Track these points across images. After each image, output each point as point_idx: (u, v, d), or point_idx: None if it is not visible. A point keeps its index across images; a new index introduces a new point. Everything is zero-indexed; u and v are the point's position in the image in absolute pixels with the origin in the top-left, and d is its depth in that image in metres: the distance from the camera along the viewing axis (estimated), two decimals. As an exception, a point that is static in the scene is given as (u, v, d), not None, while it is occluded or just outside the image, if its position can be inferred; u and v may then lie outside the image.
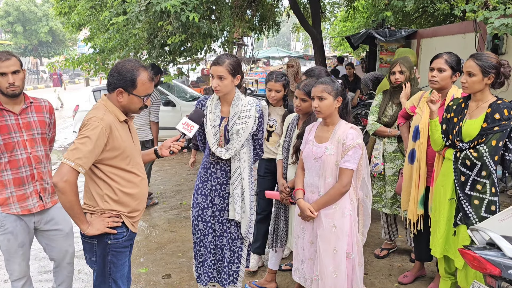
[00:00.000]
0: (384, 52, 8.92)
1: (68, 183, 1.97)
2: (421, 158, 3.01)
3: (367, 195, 2.68)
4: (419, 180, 3.03)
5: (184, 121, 2.43)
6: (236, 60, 2.65)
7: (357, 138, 2.47)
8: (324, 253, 2.51)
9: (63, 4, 7.79)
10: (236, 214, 2.69)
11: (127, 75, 2.12)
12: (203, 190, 2.78)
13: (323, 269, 2.51)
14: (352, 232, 2.53)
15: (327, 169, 2.52)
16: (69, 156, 1.99)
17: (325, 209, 2.53)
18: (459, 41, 6.22)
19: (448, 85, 2.97)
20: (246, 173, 2.69)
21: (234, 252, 2.80)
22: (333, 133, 2.53)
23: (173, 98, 8.42)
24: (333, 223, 2.51)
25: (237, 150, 2.65)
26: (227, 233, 2.77)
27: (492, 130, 2.52)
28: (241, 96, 2.71)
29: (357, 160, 2.49)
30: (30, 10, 31.42)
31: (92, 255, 2.22)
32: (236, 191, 2.68)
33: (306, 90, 2.88)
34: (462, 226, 2.66)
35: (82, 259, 3.86)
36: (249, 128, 2.65)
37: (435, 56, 3.01)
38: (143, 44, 5.98)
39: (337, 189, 2.49)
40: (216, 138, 2.68)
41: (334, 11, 13.64)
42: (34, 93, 22.51)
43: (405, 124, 3.30)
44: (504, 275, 1.91)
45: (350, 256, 2.53)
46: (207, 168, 2.77)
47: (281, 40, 47.53)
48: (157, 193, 5.96)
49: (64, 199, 2.00)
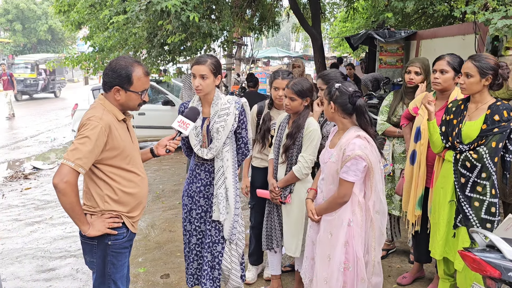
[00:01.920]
0: (384, 53, 8.91)
1: (69, 184, 1.95)
2: (421, 159, 3.00)
3: (380, 211, 2.47)
4: (418, 181, 3.03)
5: (179, 119, 2.42)
6: (217, 60, 2.66)
7: (358, 149, 2.31)
8: (319, 258, 2.49)
9: (62, 2, 7.77)
10: (220, 214, 2.66)
11: (122, 72, 2.09)
12: (189, 192, 2.80)
13: (317, 273, 2.49)
14: (351, 244, 2.41)
15: (330, 176, 2.48)
16: (69, 157, 1.97)
17: (326, 215, 2.50)
18: (459, 42, 6.21)
19: (451, 86, 2.96)
20: (230, 172, 2.67)
21: (214, 257, 2.74)
22: (340, 140, 2.44)
23: (173, 98, 8.42)
24: (330, 230, 2.46)
25: (218, 149, 2.63)
26: (207, 236, 2.74)
27: (491, 132, 2.52)
28: (221, 95, 2.70)
29: (357, 172, 2.34)
30: (29, 8, 31.36)
31: (92, 256, 2.20)
32: (219, 191, 2.66)
33: (295, 89, 2.86)
34: (462, 228, 2.66)
35: (80, 259, 3.85)
36: (228, 125, 2.63)
37: (437, 58, 3.00)
38: (143, 43, 5.97)
39: (334, 198, 2.44)
40: (199, 139, 2.68)
41: (334, 11, 13.62)
42: (32, 91, 22.42)
43: (408, 125, 3.29)
44: (504, 277, 1.90)
45: (349, 268, 2.42)
46: (192, 170, 2.79)
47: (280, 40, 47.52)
48: (156, 193, 5.95)
49: (65, 200, 1.98)
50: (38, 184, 6.66)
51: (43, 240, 4.45)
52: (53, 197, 5.60)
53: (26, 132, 11.35)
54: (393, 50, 8.76)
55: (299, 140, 2.90)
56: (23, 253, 4.13)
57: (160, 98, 8.53)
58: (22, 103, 18.31)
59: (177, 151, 8.41)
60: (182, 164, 7.58)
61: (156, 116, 8.05)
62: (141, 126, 7.79)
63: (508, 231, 2.11)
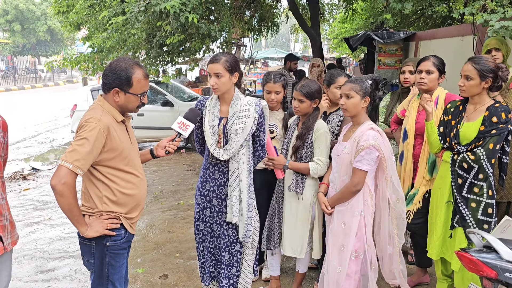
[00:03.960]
0: (383, 54, 8.91)
1: (67, 186, 1.94)
2: (407, 158, 3.08)
3: (399, 198, 2.62)
4: (404, 179, 3.10)
5: (179, 120, 2.39)
6: (233, 57, 2.58)
7: (372, 139, 2.46)
8: (332, 248, 2.61)
9: (61, 3, 7.78)
10: (233, 217, 2.63)
11: (122, 74, 2.09)
12: (202, 191, 2.76)
13: (329, 263, 2.60)
14: (363, 233, 2.55)
15: (343, 167, 2.60)
16: (67, 158, 1.96)
17: (338, 206, 2.62)
18: (457, 43, 6.22)
19: (435, 86, 3.03)
20: (245, 175, 2.63)
21: (233, 256, 2.73)
22: (354, 133, 2.57)
23: (171, 98, 8.42)
24: (343, 220, 2.58)
25: (235, 151, 2.59)
26: (224, 236, 2.72)
27: (489, 133, 2.53)
28: (241, 95, 2.64)
29: (370, 162, 2.48)
30: (29, 8, 31.33)
31: (90, 257, 2.20)
32: (233, 193, 2.62)
33: (303, 91, 2.89)
34: (458, 229, 2.67)
35: (78, 259, 3.85)
36: (247, 128, 2.57)
37: (422, 59, 3.06)
38: (142, 44, 5.97)
39: (347, 187, 2.55)
40: (215, 139, 2.62)
41: (332, 12, 13.66)
42: (32, 92, 22.50)
43: (398, 129, 3.33)
44: (500, 278, 1.91)
45: (360, 256, 2.56)
46: (206, 169, 2.74)
47: (279, 41, 47.55)
48: (155, 193, 5.95)
49: (63, 201, 1.98)
50: (37, 185, 6.66)
51: (42, 241, 4.45)
52: (52, 198, 5.60)
53: (25, 133, 11.35)
54: (392, 51, 8.76)
55: (308, 141, 2.92)
56: (21, 254, 4.13)
57: (159, 99, 8.53)
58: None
59: (176, 152, 8.41)
60: (181, 164, 7.59)
61: (155, 117, 8.05)
62: (140, 127, 7.79)
63: (504, 233, 2.12)
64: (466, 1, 6.69)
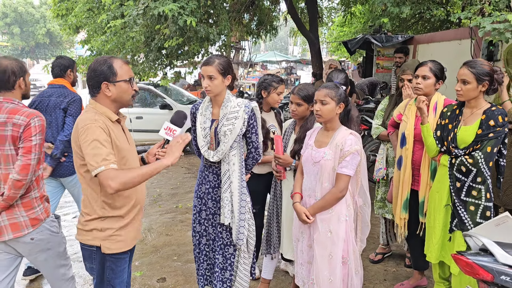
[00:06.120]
0: (381, 57, 8.95)
1: (116, 180, 1.92)
2: (407, 163, 3.04)
3: (366, 203, 2.66)
4: (403, 185, 3.06)
5: (165, 125, 2.32)
6: (226, 60, 2.60)
7: (355, 144, 2.46)
8: (320, 258, 2.51)
9: (60, 6, 7.81)
10: (225, 218, 2.64)
11: (103, 67, 2.06)
12: (198, 193, 2.78)
13: (319, 274, 2.50)
14: (348, 238, 2.52)
15: (324, 174, 2.51)
16: (95, 164, 1.93)
17: (321, 214, 2.53)
18: (455, 47, 6.25)
19: (432, 92, 3.01)
20: (236, 176, 2.63)
21: (227, 259, 2.74)
22: (332, 138, 2.53)
23: (170, 102, 8.43)
24: (329, 228, 2.50)
25: (224, 153, 2.59)
26: (219, 238, 2.73)
27: (487, 137, 2.54)
28: (231, 97, 2.65)
29: (354, 166, 2.47)
30: (28, 11, 31.39)
31: (91, 262, 2.18)
32: (225, 195, 2.63)
33: (301, 94, 2.89)
34: (457, 232, 2.67)
35: (76, 262, 3.84)
36: (236, 129, 2.58)
37: (419, 64, 3.06)
38: (140, 47, 5.99)
39: (333, 194, 2.48)
40: (206, 141, 2.64)
41: (331, 16, 13.69)
42: (32, 93, 22.29)
43: (395, 133, 3.33)
44: (496, 281, 1.92)
45: (346, 262, 2.52)
46: (202, 171, 2.77)
47: (278, 44, 47.61)
48: (153, 196, 5.95)
49: (135, 183, 1.98)
50: (35, 187, 6.64)
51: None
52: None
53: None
54: (390, 55, 8.79)
55: None
56: (19, 257, 4.11)
57: (157, 102, 8.55)
58: None
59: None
60: (179, 168, 7.59)
61: (154, 120, 8.06)
62: (138, 130, 7.80)
63: (499, 227, 2.12)
64: (464, 5, 6.72)
